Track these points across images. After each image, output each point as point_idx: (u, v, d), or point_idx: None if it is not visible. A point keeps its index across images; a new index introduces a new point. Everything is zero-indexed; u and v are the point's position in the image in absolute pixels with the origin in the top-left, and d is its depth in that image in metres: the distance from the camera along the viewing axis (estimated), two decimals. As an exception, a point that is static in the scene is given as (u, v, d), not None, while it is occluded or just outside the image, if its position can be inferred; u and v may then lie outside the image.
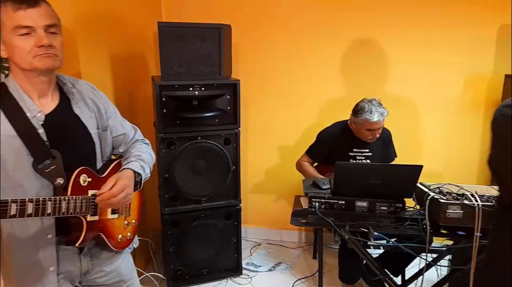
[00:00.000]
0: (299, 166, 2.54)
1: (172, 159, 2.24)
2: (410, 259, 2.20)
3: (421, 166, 1.78)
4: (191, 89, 2.21)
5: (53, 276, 1.18)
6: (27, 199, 0.97)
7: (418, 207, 1.91)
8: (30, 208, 0.97)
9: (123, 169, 1.27)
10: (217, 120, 2.32)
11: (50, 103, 1.16)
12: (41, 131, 1.10)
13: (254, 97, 2.89)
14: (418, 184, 1.90)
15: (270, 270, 2.72)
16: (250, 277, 2.60)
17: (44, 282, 1.18)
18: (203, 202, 2.37)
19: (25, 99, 1.10)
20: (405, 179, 1.84)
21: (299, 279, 2.58)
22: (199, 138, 2.27)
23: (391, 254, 2.12)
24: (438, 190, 1.87)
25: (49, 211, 1.03)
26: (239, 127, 2.35)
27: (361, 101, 2.31)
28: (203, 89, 2.23)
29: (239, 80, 2.30)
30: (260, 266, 2.76)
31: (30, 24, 1.03)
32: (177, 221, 2.37)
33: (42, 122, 1.11)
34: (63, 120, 1.18)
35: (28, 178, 1.09)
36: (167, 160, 2.23)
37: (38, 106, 1.12)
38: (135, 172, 1.28)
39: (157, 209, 2.40)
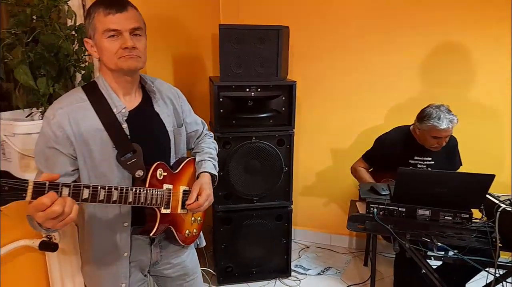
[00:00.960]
0: (355, 171, 2.48)
1: (227, 158, 2.28)
2: (473, 273, 2.08)
3: (493, 176, 1.67)
4: (247, 89, 2.24)
5: (126, 262, 1.26)
6: (113, 187, 1.04)
7: (485, 218, 1.81)
8: (115, 195, 1.05)
9: (202, 172, 1.38)
10: (271, 121, 2.34)
11: (134, 100, 1.24)
12: (124, 126, 1.17)
13: (308, 98, 2.87)
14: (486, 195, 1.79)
15: (319, 274, 2.68)
16: (299, 280, 2.58)
17: (118, 266, 1.25)
18: (255, 201, 2.40)
19: (112, 96, 1.18)
20: (474, 188, 1.74)
21: (350, 286, 2.53)
22: (254, 138, 2.29)
23: (453, 266, 2.01)
24: (509, 201, 1.75)
25: (130, 199, 1.10)
26: (293, 128, 2.35)
27: (427, 106, 2.19)
28: (259, 90, 2.25)
29: (295, 81, 2.29)
30: (309, 269, 2.73)
31: (117, 28, 1.09)
32: (229, 219, 2.41)
33: (126, 118, 1.18)
34: (144, 116, 1.25)
35: (111, 169, 1.16)
36: (222, 159, 2.25)
37: (123, 103, 1.19)
38: (211, 174, 1.40)
39: (210, 206, 2.45)
